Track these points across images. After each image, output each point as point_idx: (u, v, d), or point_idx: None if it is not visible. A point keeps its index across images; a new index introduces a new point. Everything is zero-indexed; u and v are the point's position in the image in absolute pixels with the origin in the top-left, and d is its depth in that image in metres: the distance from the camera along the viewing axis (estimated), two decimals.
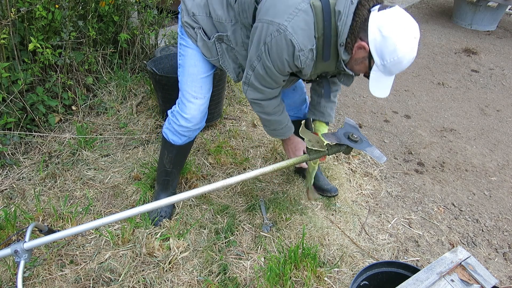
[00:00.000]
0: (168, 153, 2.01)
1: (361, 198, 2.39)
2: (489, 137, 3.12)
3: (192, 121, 1.86)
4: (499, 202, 2.48)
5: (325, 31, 1.43)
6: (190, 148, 2.10)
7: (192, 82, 1.81)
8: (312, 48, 1.47)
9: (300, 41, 1.43)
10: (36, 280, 1.76)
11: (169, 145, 1.97)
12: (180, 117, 1.86)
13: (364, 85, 3.76)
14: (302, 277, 1.81)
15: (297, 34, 1.41)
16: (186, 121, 1.86)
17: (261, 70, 1.57)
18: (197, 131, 1.95)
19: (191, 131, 1.91)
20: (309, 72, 1.59)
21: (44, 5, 2.34)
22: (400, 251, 2.08)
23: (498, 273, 2.02)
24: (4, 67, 2.29)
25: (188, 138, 1.96)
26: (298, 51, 1.45)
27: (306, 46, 1.45)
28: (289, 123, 1.93)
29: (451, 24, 5.55)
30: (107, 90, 3.00)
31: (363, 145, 1.80)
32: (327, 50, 1.49)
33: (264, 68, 1.56)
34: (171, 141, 1.95)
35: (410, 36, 1.35)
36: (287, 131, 1.94)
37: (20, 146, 2.47)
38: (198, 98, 1.82)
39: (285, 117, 1.88)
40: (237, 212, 2.17)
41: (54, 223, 2.02)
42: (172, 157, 2.02)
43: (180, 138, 1.93)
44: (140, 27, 3.17)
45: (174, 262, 1.86)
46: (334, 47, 1.49)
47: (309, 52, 1.47)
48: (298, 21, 1.40)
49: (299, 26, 1.41)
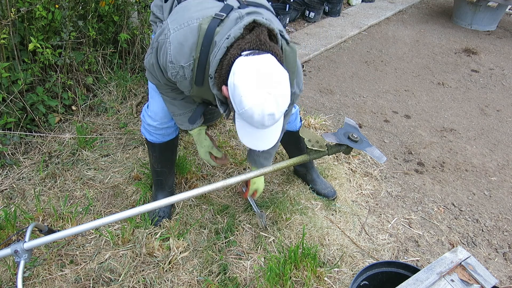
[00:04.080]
0: (152, 152, 2.01)
1: (361, 198, 2.39)
2: (489, 137, 3.12)
3: (157, 119, 1.83)
4: (499, 202, 2.48)
5: (201, 55, 1.39)
6: (174, 146, 2.04)
7: None
8: (183, 66, 1.42)
9: (173, 53, 1.41)
10: (36, 280, 1.76)
11: (150, 144, 1.97)
12: (146, 116, 1.87)
13: (364, 85, 3.77)
14: (302, 277, 1.81)
15: (173, 45, 1.40)
16: (151, 119, 1.85)
17: (151, 60, 1.56)
18: (168, 129, 1.89)
19: (160, 129, 1.87)
20: (186, 90, 1.55)
21: (44, 5, 2.34)
22: (400, 251, 2.08)
23: (498, 273, 2.02)
24: (4, 67, 2.29)
25: (164, 135, 1.91)
26: (169, 62, 1.43)
27: (178, 61, 1.41)
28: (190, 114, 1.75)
29: (451, 24, 5.55)
30: (107, 90, 3.00)
31: (363, 145, 1.80)
32: (199, 75, 1.44)
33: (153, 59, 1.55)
34: (150, 140, 1.94)
35: (260, 90, 1.19)
36: (183, 122, 1.77)
37: (20, 146, 2.47)
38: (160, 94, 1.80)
39: (181, 105, 1.73)
40: (237, 212, 2.17)
41: (54, 223, 2.02)
42: (157, 156, 2.01)
43: (156, 137, 1.91)
44: (140, 27, 3.17)
45: (174, 262, 1.86)
46: (207, 76, 1.42)
47: (180, 68, 1.43)
48: (180, 34, 1.39)
49: (178, 40, 1.39)
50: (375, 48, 4.61)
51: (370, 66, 4.17)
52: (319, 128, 3.00)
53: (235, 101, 1.25)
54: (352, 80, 3.84)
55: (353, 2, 5.85)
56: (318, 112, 3.24)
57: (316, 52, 4.27)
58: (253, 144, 1.40)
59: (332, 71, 3.98)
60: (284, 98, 1.25)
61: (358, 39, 4.84)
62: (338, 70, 4.01)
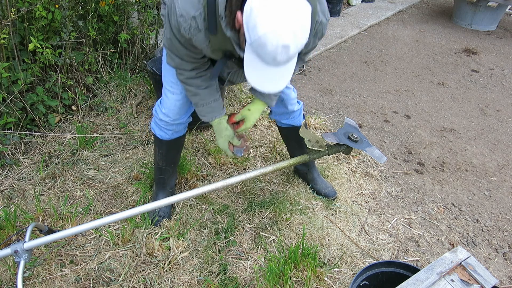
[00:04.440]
0: (158, 149, 2.01)
1: (361, 198, 2.39)
2: (489, 137, 3.12)
3: (170, 115, 1.84)
4: (499, 202, 2.48)
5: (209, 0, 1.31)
6: (181, 144, 2.07)
7: (168, 77, 1.80)
8: (194, 16, 1.35)
9: (182, 6, 1.35)
10: (36, 280, 1.76)
11: (158, 140, 1.97)
12: (160, 111, 1.87)
13: (364, 85, 3.76)
14: (302, 277, 1.81)
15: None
16: (164, 115, 1.85)
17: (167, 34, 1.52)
18: (179, 125, 1.91)
19: (172, 125, 1.89)
20: (204, 46, 1.46)
21: (44, 5, 2.34)
22: (400, 251, 2.08)
23: (498, 273, 2.02)
24: (4, 67, 2.29)
25: (174, 132, 1.93)
26: (180, 17, 1.37)
27: (188, 12, 1.35)
28: (214, 104, 1.71)
29: (451, 24, 5.55)
30: (107, 90, 3.00)
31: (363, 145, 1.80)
32: (211, 21, 1.35)
33: (168, 32, 1.49)
34: (159, 136, 1.95)
35: (278, 17, 1.11)
36: (209, 112, 1.72)
37: (20, 146, 2.47)
38: (174, 94, 1.81)
39: (207, 94, 1.68)
40: (237, 212, 2.17)
41: (54, 223, 2.02)
42: (164, 153, 2.02)
43: (166, 133, 1.92)
44: (140, 27, 3.17)
45: (174, 262, 1.86)
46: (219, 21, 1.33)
47: (191, 20, 1.36)
48: None
49: None
50: (375, 48, 4.61)
51: (370, 66, 4.17)
52: (319, 128, 3.00)
53: (249, 27, 1.15)
54: (352, 80, 3.84)
55: (353, 2, 5.85)
56: (318, 112, 3.24)
57: (316, 52, 4.27)
58: (260, 83, 1.29)
59: (332, 71, 3.98)
60: (303, 31, 1.16)
61: (358, 39, 4.84)
62: (338, 70, 4.01)
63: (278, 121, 2.16)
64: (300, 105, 2.09)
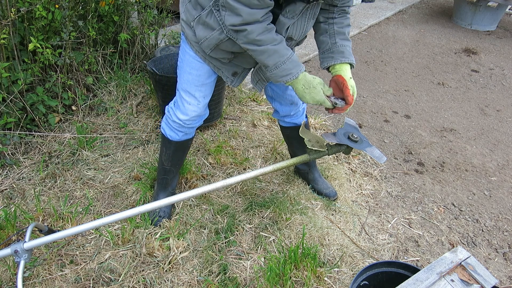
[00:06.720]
0: (166, 149, 2.01)
1: (361, 198, 2.39)
2: (489, 137, 3.12)
3: (185, 119, 1.86)
4: (499, 202, 2.48)
5: None
6: (189, 146, 2.09)
7: (186, 88, 1.81)
8: None
9: None
10: (36, 280, 1.76)
11: (167, 141, 1.97)
12: (173, 114, 1.87)
13: (364, 85, 3.76)
14: (302, 277, 1.81)
15: None
16: (179, 118, 1.86)
17: None
18: (192, 129, 1.94)
19: (185, 128, 1.90)
20: None
21: (44, 5, 2.34)
22: (400, 251, 2.08)
23: (498, 273, 2.02)
24: (4, 67, 2.29)
25: (185, 134, 1.95)
26: None
27: None
28: (294, 57, 1.58)
29: (451, 24, 5.55)
30: (107, 90, 3.00)
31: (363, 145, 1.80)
32: None
33: None
34: (169, 136, 1.95)
35: None
36: (293, 66, 1.58)
37: (20, 146, 2.47)
38: (191, 104, 1.82)
39: (284, 48, 1.55)
40: (237, 212, 2.17)
41: (54, 223, 2.02)
42: (170, 154, 2.02)
43: (177, 134, 1.93)
44: (140, 27, 3.17)
45: (174, 262, 1.86)
46: None
47: None
48: None
49: None
50: (375, 48, 4.61)
51: (370, 66, 4.17)
52: (319, 128, 3.00)
53: None
54: None
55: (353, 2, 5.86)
56: (318, 112, 3.24)
57: (316, 52, 4.27)
58: None
59: None
60: None
61: (358, 39, 4.84)
62: None
63: (281, 120, 2.16)
64: (304, 104, 2.11)
